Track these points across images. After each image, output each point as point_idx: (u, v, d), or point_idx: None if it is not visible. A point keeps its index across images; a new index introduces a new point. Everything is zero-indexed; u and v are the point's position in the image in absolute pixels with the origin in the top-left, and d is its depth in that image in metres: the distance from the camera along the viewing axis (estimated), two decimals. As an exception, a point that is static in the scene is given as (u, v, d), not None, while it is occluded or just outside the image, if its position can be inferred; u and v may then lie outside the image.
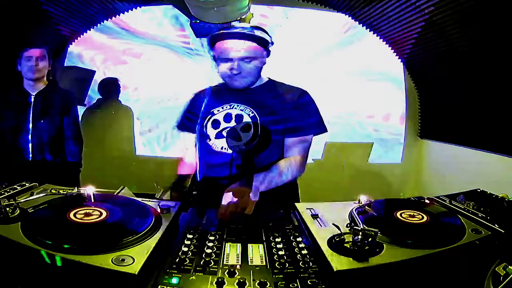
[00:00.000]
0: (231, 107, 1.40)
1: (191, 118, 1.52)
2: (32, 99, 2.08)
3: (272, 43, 1.38)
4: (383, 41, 3.12)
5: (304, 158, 1.40)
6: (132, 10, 3.20)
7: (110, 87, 3.52)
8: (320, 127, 1.41)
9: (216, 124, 1.39)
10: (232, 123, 1.36)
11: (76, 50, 3.49)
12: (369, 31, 3.11)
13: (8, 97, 2.08)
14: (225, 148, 1.36)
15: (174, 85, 3.63)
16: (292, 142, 1.38)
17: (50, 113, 2.12)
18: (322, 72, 3.46)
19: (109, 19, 3.21)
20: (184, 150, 1.62)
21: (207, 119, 1.42)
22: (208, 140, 1.40)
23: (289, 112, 1.37)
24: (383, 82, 3.64)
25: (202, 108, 1.47)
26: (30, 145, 2.08)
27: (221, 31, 1.34)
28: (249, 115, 1.37)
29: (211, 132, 1.39)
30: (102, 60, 3.62)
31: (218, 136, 1.38)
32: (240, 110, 1.38)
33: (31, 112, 2.07)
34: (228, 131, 1.28)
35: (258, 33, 1.32)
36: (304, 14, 3.38)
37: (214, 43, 1.37)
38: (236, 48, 1.30)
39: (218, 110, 1.42)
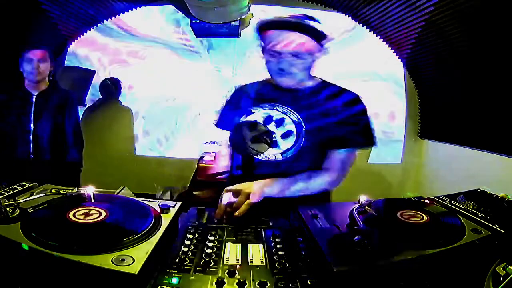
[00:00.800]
0: (273, 107, 1.24)
1: (229, 116, 1.35)
2: (34, 100, 2.08)
3: (326, 37, 1.18)
4: (383, 41, 3.12)
5: (341, 174, 1.24)
6: (132, 10, 3.20)
7: (112, 87, 3.52)
8: (368, 143, 1.25)
9: (253, 125, 1.21)
10: (271, 127, 1.21)
11: (80, 52, 3.49)
12: (369, 31, 3.11)
13: (10, 97, 2.08)
14: (260, 154, 1.22)
15: (174, 85, 3.63)
16: (333, 155, 1.22)
17: (51, 113, 2.12)
18: (321, 72, 3.46)
19: (110, 19, 3.21)
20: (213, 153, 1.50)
21: (243, 118, 1.26)
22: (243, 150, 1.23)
23: (337, 121, 1.20)
24: (383, 82, 3.64)
25: (240, 104, 1.32)
26: (31, 145, 2.08)
27: (273, 18, 1.16)
28: (293, 120, 1.21)
29: (248, 133, 1.20)
30: (105, 61, 3.61)
31: (253, 139, 1.20)
32: (283, 112, 1.22)
33: (32, 112, 2.07)
34: (264, 136, 1.14)
35: (314, 24, 1.14)
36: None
37: (263, 31, 1.19)
38: (288, 40, 1.12)
39: (257, 110, 1.25)
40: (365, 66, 3.57)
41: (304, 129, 1.21)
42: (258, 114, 1.25)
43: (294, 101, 1.24)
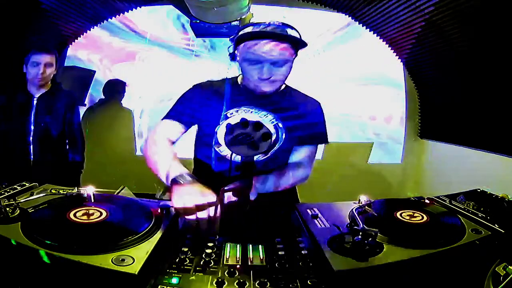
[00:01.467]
0: (249, 111, 1.28)
1: (192, 114, 1.35)
2: (35, 101, 2.08)
3: (306, 44, 1.22)
4: (383, 41, 3.12)
5: (309, 165, 1.38)
6: (133, 10, 3.20)
7: (116, 88, 3.52)
8: (325, 138, 1.41)
9: (230, 129, 1.20)
10: (249, 130, 1.19)
11: (81, 51, 3.49)
12: (369, 31, 3.11)
13: (11, 98, 2.08)
14: (237, 157, 1.22)
15: (174, 84, 3.63)
16: (301, 150, 1.36)
17: (52, 114, 2.12)
18: (320, 72, 3.47)
19: (110, 19, 3.21)
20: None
21: (220, 121, 1.27)
22: (218, 146, 1.29)
23: (304, 121, 1.33)
24: (382, 82, 3.64)
25: (210, 103, 1.32)
26: (31, 146, 2.08)
27: (250, 29, 1.18)
28: (271, 122, 1.28)
29: (222, 138, 1.26)
30: (105, 60, 3.61)
31: (231, 142, 1.20)
32: (259, 116, 1.28)
33: (33, 113, 2.07)
34: (244, 139, 1.12)
35: (292, 32, 1.17)
36: (302, 14, 3.39)
37: (240, 42, 1.22)
38: (268, 49, 1.15)
39: (231, 113, 1.28)
40: (364, 66, 3.57)
41: (280, 131, 1.30)
42: (232, 118, 1.29)
43: (268, 104, 1.30)
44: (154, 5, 3.31)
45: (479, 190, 1.20)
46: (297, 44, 1.20)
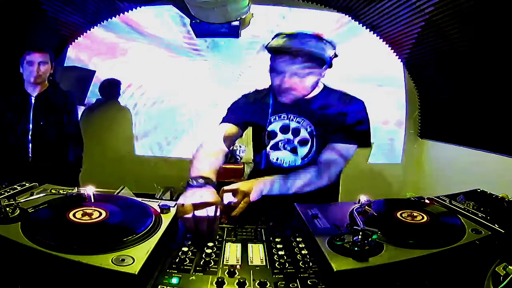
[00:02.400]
0: (288, 118, 1.36)
1: (244, 118, 1.41)
2: (33, 100, 2.08)
3: (335, 56, 1.27)
4: (383, 41, 3.12)
5: (339, 166, 1.32)
6: (132, 10, 3.20)
7: (111, 88, 3.52)
8: (363, 141, 1.33)
9: (273, 134, 1.37)
10: (289, 135, 1.35)
11: (80, 50, 3.49)
12: (369, 31, 3.11)
13: (9, 98, 2.08)
14: (279, 160, 1.35)
15: (175, 84, 3.64)
16: (332, 148, 1.30)
17: (50, 113, 2.12)
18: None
19: (110, 19, 3.21)
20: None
21: (265, 126, 1.37)
22: (264, 148, 1.38)
23: (338, 121, 1.31)
24: (382, 82, 3.64)
25: (256, 108, 1.40)
26: (30, 145, 2.08)
27: (278, 44, 1.22)
28: (306, 129, 1.34)
29: (267, 141, 1.37)
30: (106, 58, 3.60)
31: (274, 147, 1.36)
32: (297, 122, 1.35)
33: (31, 112, 2.07)
34: (284, 144, 1.31)
35: (317, 48, 1.20)
36: (302, 14, 3.39)
37: (270, 52, 1.28)
38: (289, 61, 1.21)
39: (275, 119, 1.37)
40: (363, 65, 3.57)
41: (315, 135, 1.33)
42: (276, 124, 1.37)
43: (304, 110, 1.34)
44: (154, 5, 3.31)
45: (479, 190, 1.20)
46: (322, 62, 1.23)
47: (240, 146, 3.31)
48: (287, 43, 1.21)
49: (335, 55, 1.28)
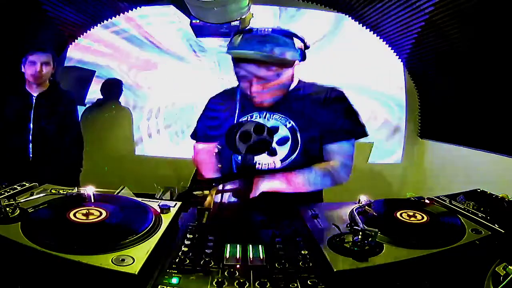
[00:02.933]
0: (263, 116, 1.24)
1: (214, 126, 1.32)
2: (34, 100, 2.08)
3: (306, 47, 1.17)
4: (383, 41, 3.12)
5: (343, 164, 1.24)
6: (132, 10, 3.20)
7: (113, 88, 3.52)
8: (351, 132, 1.23)
9: (246, 137, 1.16)
10: (265, 136, 1.16)
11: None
12: (369, 30, 3.11)
13: (10, 98, 2.08)
14: (258, 163, 1.22)
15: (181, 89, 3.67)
16: (329, 148, 1.23)
17: (51, 113, 2.13)
18: (319, 71, 3.47)
19: (110, 19, 3.21)
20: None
21: (235, 130, 1.20)
22: (238, 155, 1.23)
23: (321, 115, 1.21)
24: (382, 82, 3.64)
25: (225, 114, 1.29)
26: (30, 145, 2.09)
27: (238, 51, 1.13)
28: (286, 125, 1.22)
29: (241, 146, 1.16)
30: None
31: (251, 150, 1.16)
32: (275, 119, 1.22)
33: (32, 112, 2.07)
34: (261, 146, 1.09)
35: (283, 47, 1.10)
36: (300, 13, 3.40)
37: (234, 59, 1.20)
38: (254, 67, 1.12)
39: (245, 120, 1.24)
40: (361, 67, 3.57)
41: (298, 132, 1.22)
42: (249, 124, 1.21)
43: (281, 106, 1.24)
44: (154, 5, 3.31)
45: (479, 190, 1.20)
46: (289, 63, 1.14)
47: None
48: (248, 48, 1.09)
49: (306, 47, 1.18)
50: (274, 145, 1.22)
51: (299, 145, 1.22)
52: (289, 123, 1.23)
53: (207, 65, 3.64)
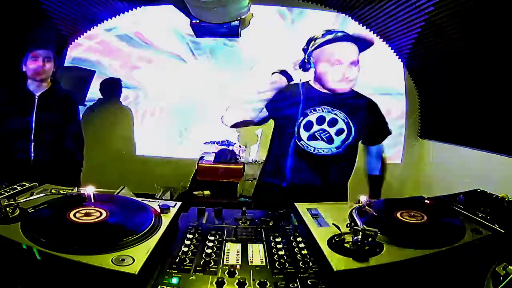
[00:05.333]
0: (324, 110, 1.46)
1: (274, 109, 1.51)
2: (36, 100, 2.08)
3: (369, 44, 1.46)
4: (383, 41, 3.12)
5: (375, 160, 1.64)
6: (132, 10, 3.20)
7: (112, 87, 3.52)
8: (386, 133, 1.63)
9: (309, 126, 1.44)
10: (325, 126, 1.44)
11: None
12: (369, 31, 3.11)
13: (12, 97, 2.08)
14: (317, 150, 1.44)
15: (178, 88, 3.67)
16: (373, 148, 1.62)
17: (52, 113, 2.12)
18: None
19: (110, 19, 3.21)
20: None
21: (299, 120, 1.45)
22: (300, 141, 1.45)
23: (365, 120, 1.49)
24: (382, 82, 3.64)
25: (289, 105, 1.49)
26: (32, 144, 2.08)
27: (324, 38, 1.39)
28: (343, 120, 1.45)
29: (303, 133, 1.44)
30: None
31: (310, 138, 1.44)
32: (334, 114, 1.45)
33: (34, 112, 2.07)
34: (321, 134, 1.40)
35: (359, 34, 1.42)
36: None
37: (316, 46, 1.41)
38: (347, 51, 1.37)
39: (311, 112, 1.46)
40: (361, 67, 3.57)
41: (352, 127, 1.46)
42: (311, 116, 1.47)
43: (340, 104, 1.47)
44: (154, 5, 3.31)
45: (479, 190, 1.20)
46: (366, 46, 1.44)
47: (240, 146, 3.31)
48: (337, 33, 1.39)
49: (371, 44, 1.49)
50: (332, 134, 1.45)
51: (350, 137, 1.46)
52: (346, 118, 1.46)
53: (205, 65, 3.64)
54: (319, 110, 1.46)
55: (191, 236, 0.88)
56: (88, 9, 2.86)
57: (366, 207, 0.98)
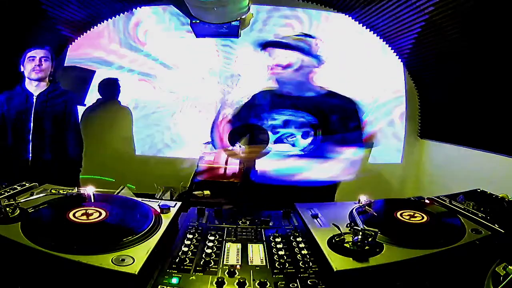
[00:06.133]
0: (290, 114, 1.45)
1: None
2: (34, 100, 2.08)
3: (312, 54, 1.40)
4: (383, 41, 3.12)
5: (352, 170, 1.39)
6: (132, 10, 3.20)
7: (111, 87, 3.52)
8: (359, 141, 1.41)
9: (275, 129, 1.45)
10: (292, 130, 1.43)
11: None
12: (369, 31, 3.11)
13: (10, 98, 2.08)
14: (284, 153, 1.42)
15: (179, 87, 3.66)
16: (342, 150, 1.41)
17: (51, 113, 2.12)
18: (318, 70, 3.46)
19: (110, 19, 3.21)
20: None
21: (266, 124, 1.46)
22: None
23: (338, 123, 1.42)
24: (382, 82, 3.64)
25: (257, 113, 1.49)
26: (30, 145, 2.08)
27: (273, 39, 1.43)
28: (309, 122, 1.42)
29: (271, 137, 1.44)
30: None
31: (277, 141, 1.44)
32: (301, 117, 1.43)
33: (32, 112, 2.07)
34: (287, 138, 1.40)
35: (309, 41, 1.39)
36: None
37: (264, 48, 1.44)
38: (281, 56, 1.38)
39: (277, 116, 1.46)
40: (361, 67, 3.57)
41: (318, 130, 1.41)
42: (279, 119, 1.45)
43: (306, 106, 1.43)
44: (154, 5, 3.31)
45: (479, 190, 1.20)
46: (309, 53, 1.39)
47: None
48: (280, 40, 1.39)
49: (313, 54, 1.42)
50: (297, 137, 1.43)
51: (318, 140, 1.41)
52: (310, 120, 1.42)
53: (204, 65, 3.64)
54: (284, 113, 1.45)
55: (191, 236, 0.88)
56: (88, 8, 2.87)
57: (366, 207, 0.98)
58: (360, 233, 0.75)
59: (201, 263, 0.76)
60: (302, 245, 0.86)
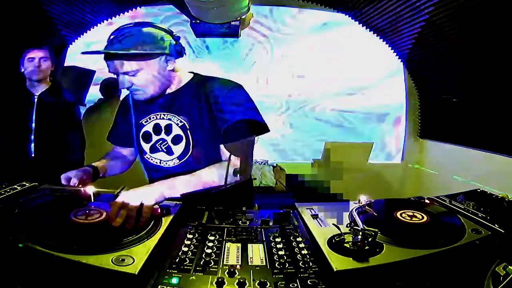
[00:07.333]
0: (158, 117, 1.25)
1: (125, 130, 1.39)
2: (35, 100, 2.08)
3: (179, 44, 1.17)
4: (383, 41, 3.12)
5: (244, 162, 1.19)
6: (132, 10, 3.20)
7: (112, 87, 3.51)
8: (249, 127, 1.16)
9: (147, 137, 1.26)
10: (163, 135, 1.23)
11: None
12: (369, 30, 3.11)
13: (12, 98, 2.08)
14: (163, 162, 1.25)
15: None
16: (227, 147, 1.18)
17: (52, 113, 2.12)
18: (318, 70, 3.47)
19: (110, 19, 3.21)
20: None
21: (138, 131, 1.29)
22: (144, 154, 1.30)
23: (217, 114, 1.17)
24: (382, 82, 3.64)
25: (131, 118, 1.32)
26: (32, 144, 2.09)
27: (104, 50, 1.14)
28: (177, 124, 1.21)
29: (145, 146, 1.28)
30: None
31: (153, 149, 1.26)
32: (168, 119, 1.22)
33: (34, 112, 2.07)
34: (160, 145, 1.20)
35: (141, 40, 1.10)
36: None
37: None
38: (115, 63, 1.12)
39: (146, 121, 1.27)
40: (361, 68, 3.57)
41: (189, 130, 1.20)
42: (147, 126, 1.27)
43: (171, 106, 1.23)
44: (154, 5, 3.31)
45: (479, 190, 1.20)
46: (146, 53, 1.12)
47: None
48: (107, 47, 1.11)
49: (179, 44, 1.18)
50: (170, 143, 1.23)
51: (192, 143, 1.20)
52: (180, 121, 1.21)
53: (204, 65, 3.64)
54: (153, 117, 1.25)
55: (191, 236, 0.88)
56: (88, 8, 2.86)
57: (366, 207, 0.98)
58: (360, 233, 0.76)
59: (201, 263, 0.76)
60: (302, 245, 0.86)
